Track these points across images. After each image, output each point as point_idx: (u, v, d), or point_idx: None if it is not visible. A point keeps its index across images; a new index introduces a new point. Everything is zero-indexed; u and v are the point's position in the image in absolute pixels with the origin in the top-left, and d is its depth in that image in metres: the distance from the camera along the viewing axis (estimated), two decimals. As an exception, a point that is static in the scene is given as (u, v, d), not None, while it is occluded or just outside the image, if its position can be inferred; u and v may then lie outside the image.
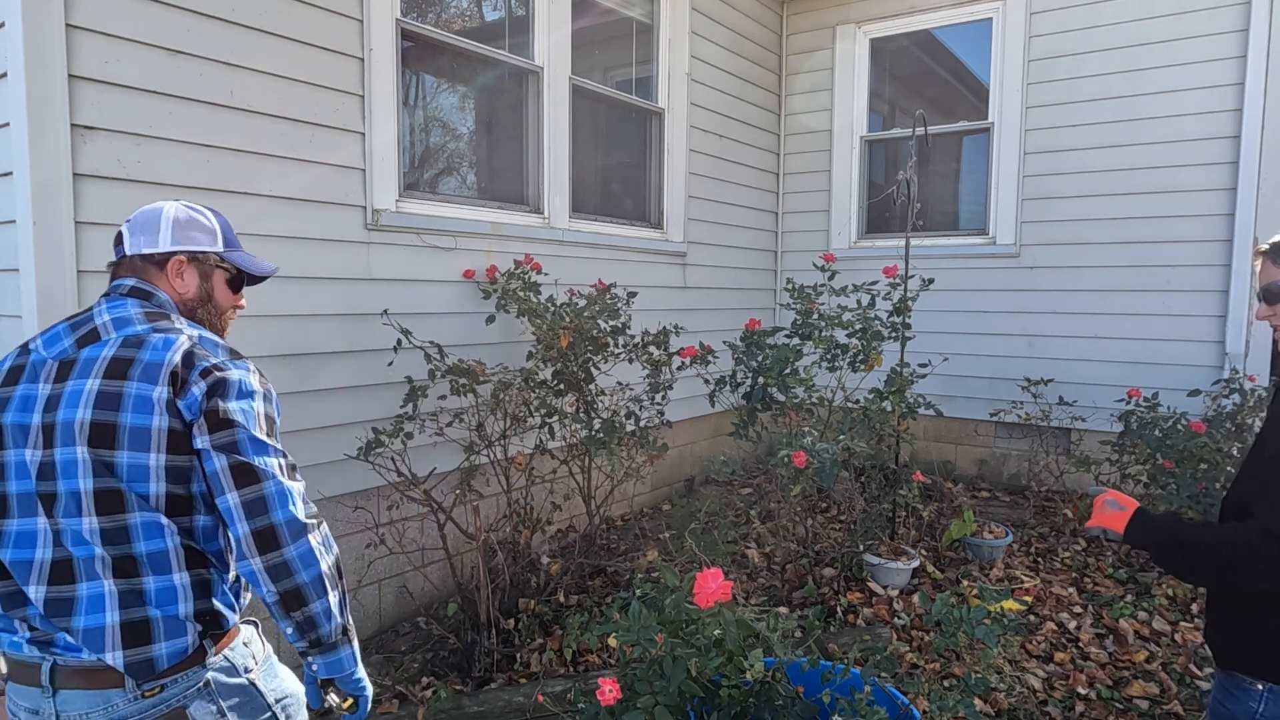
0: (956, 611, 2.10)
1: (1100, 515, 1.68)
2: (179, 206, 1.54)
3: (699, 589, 1.84)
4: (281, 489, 1.35)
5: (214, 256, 1.55)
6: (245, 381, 1.40)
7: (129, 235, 1.51)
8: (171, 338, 1.39)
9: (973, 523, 4.16)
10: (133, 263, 1.50)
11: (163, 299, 1.49)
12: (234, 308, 1.62)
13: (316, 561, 1.36)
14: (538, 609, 3.37)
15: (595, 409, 3.71)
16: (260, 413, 1.40)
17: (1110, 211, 4.99)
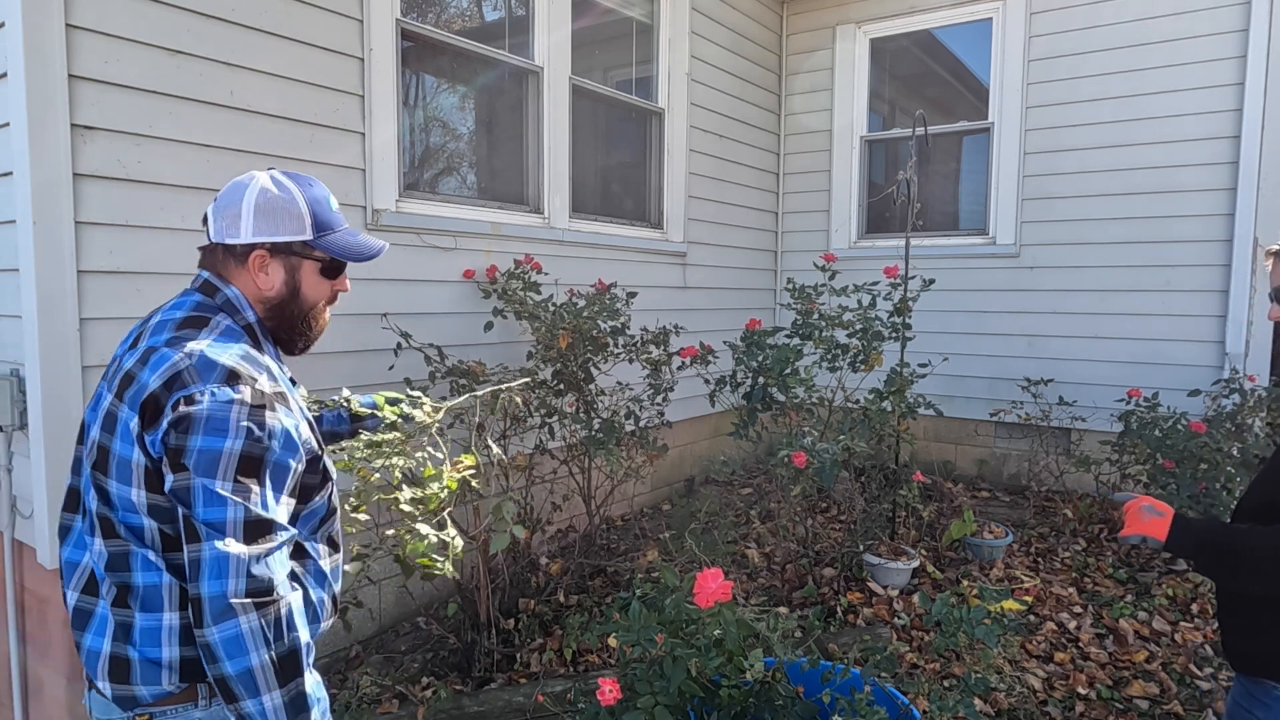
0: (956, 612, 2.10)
1: (1138, 523, 1.60)
2: (265, 184, 1.34)
3: (699, 589, 1.84)
4: (216, 555, 1.13)
5: (301, 246, 1.37)
6: (219, 416, 1.18)
7: (212, 219, 1.36)
8: (168, 355, 1.22)
9: (973, 523, 4.16)
10: (215, 252, 1.36)
11: (229, 296, 1.35)
12: (330, 300, 1.45)
13: (245, 652, 1.12)
14: (538, 609, 3.37)
15: (595, 409, 3.71)
16: (230, 454, 1.17)
17: (1110, 211, 4.99)
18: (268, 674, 1.14)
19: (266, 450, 1.22)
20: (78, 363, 2.43)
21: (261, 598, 1.15)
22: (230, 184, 1.37)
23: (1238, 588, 1.58)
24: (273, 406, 1.24)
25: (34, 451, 2.42)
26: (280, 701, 1.15)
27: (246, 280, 1.37)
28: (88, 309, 2.45)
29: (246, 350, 1.29)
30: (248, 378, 1.23)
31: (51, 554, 2.42)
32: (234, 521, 1.16)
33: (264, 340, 1.39)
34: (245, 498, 1.18)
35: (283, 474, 1.24)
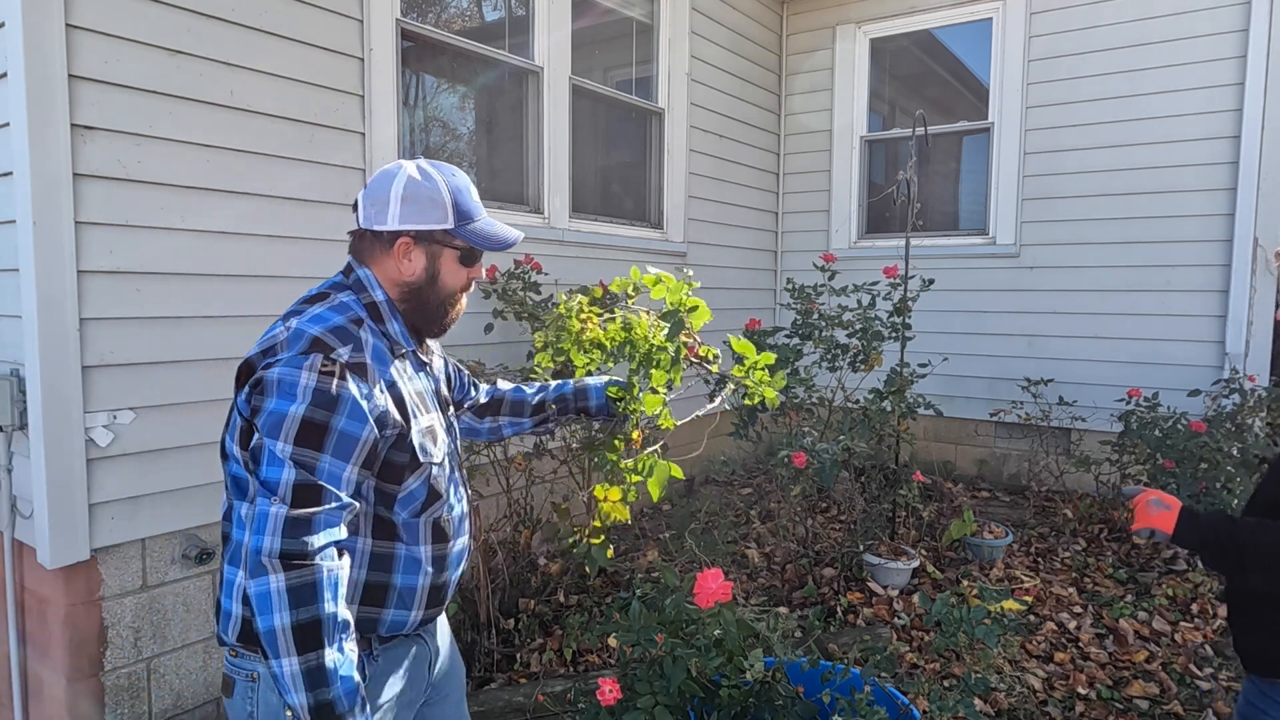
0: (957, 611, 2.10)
1: (1146, 516, 1.60)
2: (412, 174, 1.39)
3: (699, 589, 1.84)
4: (262, 512, 1.18)
5: (443, 234, 1.41)
6: (288, 380, 1.23)
7: (363, 205, 1.41)
8: (274, 327, 1.33)
9: (973, 523, 4.16)
10: (363, 236, 1.43)
11: (359, 275, 1.42)
12: (465, 287, 1.49)
13: (270, 611, 1.15)
14: (538, 609, 3.37)
15: (595, 409, 3.71)
16: (294, 418, 1.21)
17: (1110, 211, 4.99)
18: (287, 638, 1.15)
19: (330, 417, 1.24)
20: (78, 363, 2.43)
21: (293, 561, 1.16)
22: (380, 172, 1.42)
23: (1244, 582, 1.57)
24: (344, 376, 1.26)
25: (34, 451, 2.42)
26: (297, 669, 1.15)
27: (390, 264, 1.41)
28: (88, 309, 2.45)
29: (345, 323, 1.33)
30: (328, 347, 1.27)
31: (51, 554, 2.42)
32: (285, 483, 1.20)
33: (389, 319, 1.42)
34: (301, 461, 1.21)
35: (348, 443, 1.25)
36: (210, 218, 2.73)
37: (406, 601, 1.41)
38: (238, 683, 1.35)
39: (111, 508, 2.54)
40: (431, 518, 1.43)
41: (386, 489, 1.36)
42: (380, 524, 1.37)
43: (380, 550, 1.37)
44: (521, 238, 1.52)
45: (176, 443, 2.68)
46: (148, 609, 2.67)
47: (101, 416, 2.49)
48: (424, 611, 1.44)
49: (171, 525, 2.70)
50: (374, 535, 1.37)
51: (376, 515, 1.37)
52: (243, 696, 1.34)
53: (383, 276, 1.42)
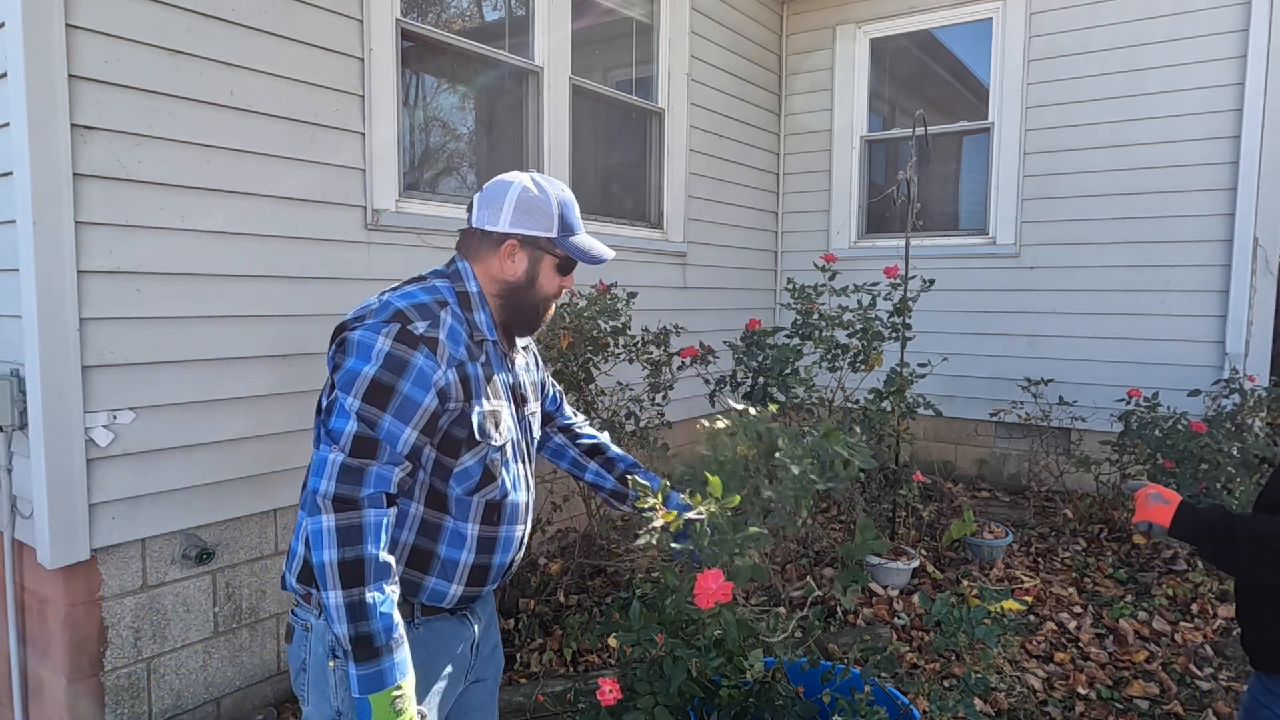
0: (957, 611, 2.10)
1: (1145, 510, 1.63)
2: (526, 185, 1.53)
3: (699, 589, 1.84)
4: (323, 457, 1.32)
5: (546, 242, 1.54)
6: (365, 342, 1.36)
7: (477, 207, 1.54)
8: (370, 299, 1.46)
9: (973, 523, 4.16)
10: (473, 234, 1.54)
11: (459, 267, 1.53)
12: (556, 295, 1.63)
13: (321, 547, 1.28)
14: (538, 609, 3.37)
15: (595, 409, 3.71)
16: (365, 377, 1.33)
17: (1110, 211, 5.00)
18: (334, 573, 1.27)
19: (397, 379, 1.35)
20: (78, 363, 2.43)
21: (343, 503, 1.29)
22: (495, 180, 1.56)
23: (1244, 576, 1.58)
24: (415, 345, 1.37)
25: (34, 451, 2.42)
26: (341, 601, 1.27)
27: (493, 262, 1.53)
28: (88, 309, 2.45)
29: (429, 302, 1.44)
30: (405, 318, 1.39)
31: (51, 554, 2.42)
32: (348, 434, 1.32)
33: (478, 309, 1.52)
34: (363, 416, 1.33)
35: (410, 407, 1.36)
36: (210, 218, 2.73)
37: (448, 573, 1.49)
38: (296, 631, 1.48)
39: (111, 508, 2.54)
40: (485, 498, 1.50)
41: (444, 461, 1.45)
42: (434, 494, 1.46)
43: (430, 519, 1.47)
44: (614, 256, 1.66)
45: (176, 443, 2.68)
46: (148, 609, 2.67)
47: (101, 416, 2.49)
48: (464, 588, 1.51)
49: (171, 525, 2.70)
50: (426, 504, 1.46)
51: (432, 486, 1.46)
52: (299, 644, 1.48)
53: (482, 272, 1.54)
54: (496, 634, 1.76)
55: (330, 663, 1.41)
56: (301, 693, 1.49)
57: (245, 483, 2.88)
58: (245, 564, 2.93)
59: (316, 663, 1.44)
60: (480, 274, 1.54)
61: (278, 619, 3.05)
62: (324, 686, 1.43)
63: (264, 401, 2.91)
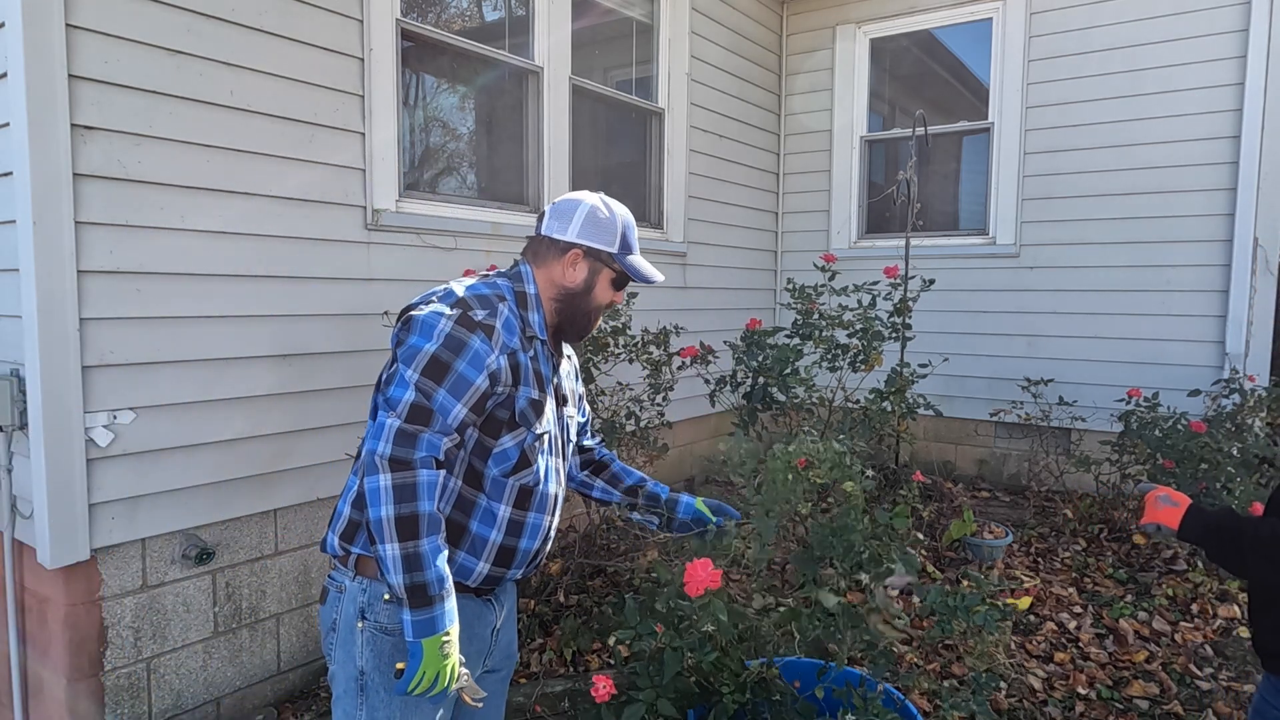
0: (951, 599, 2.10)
1: (1154, 511, 1.64)
2: (597, 204, 1.68)
3: (689, 578, 1.85)
4: (382, 422, 1.42)
5: (607, 256, 1.68)
6: (429, 322, 1.48)
7: (549, 217, 1.68)
8: (433, 289, 1.58)
9: (973, 523, 4.16)
10: (540, 241, 1.67)
11: (521, 270, 1.67)
12: (607, 307, 1.76)
13: (378, 503, 1.38)
14: (538, 609, 3.36)
15: (595, 409, 3.71)
16: (426, 352, 1.45)
17: (1110, 211, 4.99)
18: (391, 527, 1.37)
19: (454, 358, 1.47)
20: (78, 363, 2.43)
21: (399, 464, 1.39)
22: (567, 196, 1.70)
23: (1248, 576, 1.59)
24: (473, 329, 1.50)
25: (34, 451, 2.42)
26: (398, 553, 1.37)
27: (556, 269, 1.67)
28: (88, 309, 2.45)
29: (489, 294, 1.57)
30: (467, 305, 1.52)
31: (51, 554, 2.42)
32: (405, 402, 1.43)
33: (533, 309, 1.65)
34: (421, 388, 1.44)
35: (463, 385, 1.47)
36: (210, 218, 2.73)
37: (477, 550, 1.58)
38: (330, 593, 1.59)
39: (111, 508, 2.54)
40: (519, 482, 1.60)
41: (484, 442, 1.56)
42: (472, 473, 1.57)
43: (466, 494, 1.57)
44: (663, 279, 1.79)
45: (176, 443, 2.68)
46: (148, 609, 2.67)
47: (101, 416, 2.49)
48: (490, 566, 1.61)
49: (171, 525, 2.70)
50: (464, 480, 1.57)
51: (470, 464, 1.57)
52: (331, 605, 1.58)
53: (543, 277, 1.67)
54: (514, 628, 1.85)
55: (359, 624, 1.52)
56: (329, 651, 1.58)
57: (245, 483, 2.88)
58: (245, 564, 2.93)
59: (346, 623, 1.54)
60: (541, 278, 1.67)
61: (278, 619, 3.05)
62: (350, 647, 1.53)
63: (264, 402, 2.91)
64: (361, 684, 1.52)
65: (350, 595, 1.54)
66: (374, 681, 1.52)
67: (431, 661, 1.39)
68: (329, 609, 1.59)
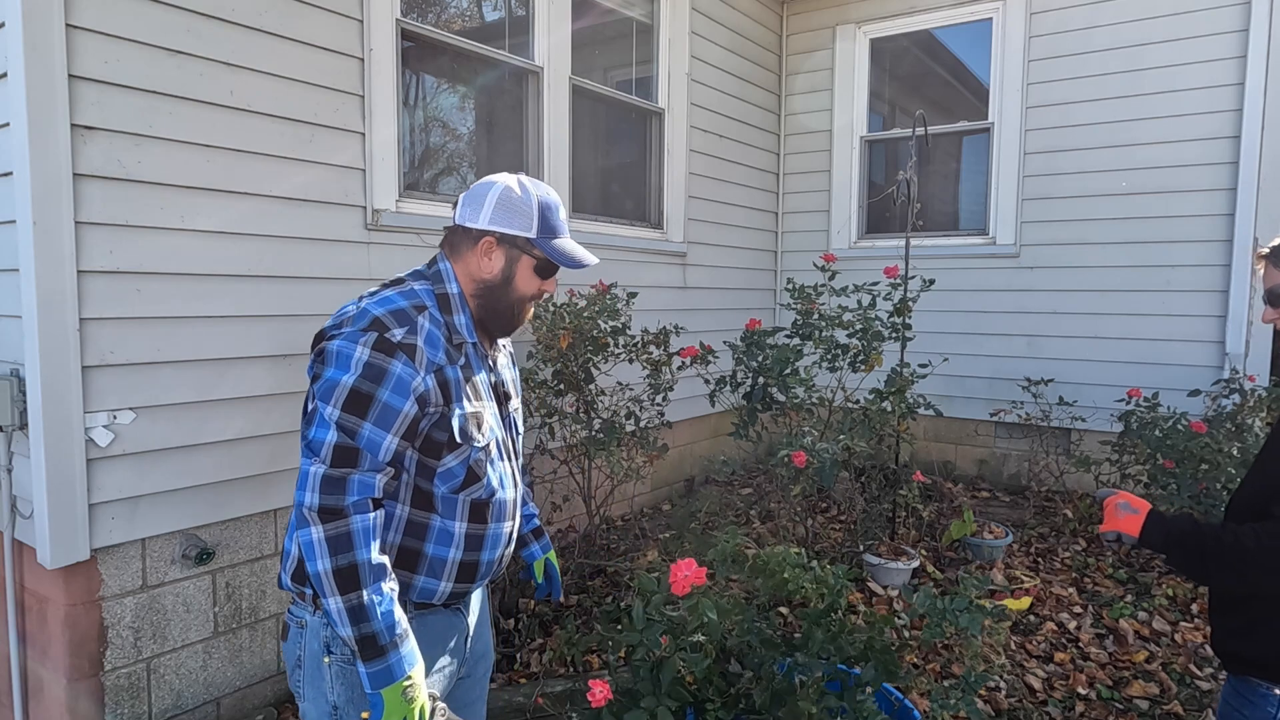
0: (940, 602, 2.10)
1: (1113, 520, 1.63)
2: (510, 185, 1.53)
3: (674, 578, 1.84)
4: (304, 470, 1.35)
5: (524, 241, 1.54)
6: (344, 351, 1.37)
7: (460, 205, 1.55)
8: (348, 305, 1.46)
9: (973, 523, 4.16)
10: (454, 232, 1.56)
11: (440, 268, 1.55)
12: (535, 297, 1.61)
13: (314, 557, 1.32)
14: (538, 609, 3.37)
15: (595, 409, 3.71)
16: (344, 386, 1.35)
17: (1110, 211, 4.99)
18: (331, 580, 1.31)
19: (376, 388, 1.36)
20: (78, 363, 2.43)
21: (329, 513, 1.32)
22: (482, 180, 1.56)
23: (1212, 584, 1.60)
24: (393, 353, 1.39)
25: (34, 451, 2.42)
26: (341, 607, 1.32)
27: (472, 260, 1.54)
28: (88, 309, 2.45)
29: (406, 307, 1.45)
30: (383, 326, 1.40)
31: (51, 554, 2.42)
32: (329, 444, 1.34)
33: (458, 311, 1.53)
34: (343, 426, 1.35)
35: (390, 414, 1.37)
36: (210, 218, 2.73)
37: (436, 571, 1.51)
38: (291, 628, 1.52)
39: (111, 508, 2.54)
40: (470, 497, 1.52)
41: (426, 463, 1.47)
42: (419, 494, 1.48)
43: (416, 519, 1.49)
44: (595, 262, 1.64)
45: (177, 443, 2.68)
46: (148, 609, 2.67)
47: (101, 416, 2.49)
48: (453, 584, 1.53)
49: (171, 525, 2.70)
50: (412, 504, 1.48)
51: (417, 486, 1.48)
52: (294, 641, 1.51)
53: (462, 272, 1.55)
54: (489, 631, 1.77)
55: (325, 659, 1.45)
56: (297, 689, 1.51)
57: (245, 483, 2.88)
58: (245, 564, 2.93)
59: (311, 659, 1.48)
60: (460, 273, 1.55)
61: (278, 619, 3.05)
62: (319, 682, 1.47)
63: (264, 401, 2.91)
64: (337, 718, 1.46)
65: (313, 630, 1.48)
66: (349, 715, 1.46)
67: (395, 710, 1.33)
68: (292, 645, 1.52)
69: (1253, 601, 1.53)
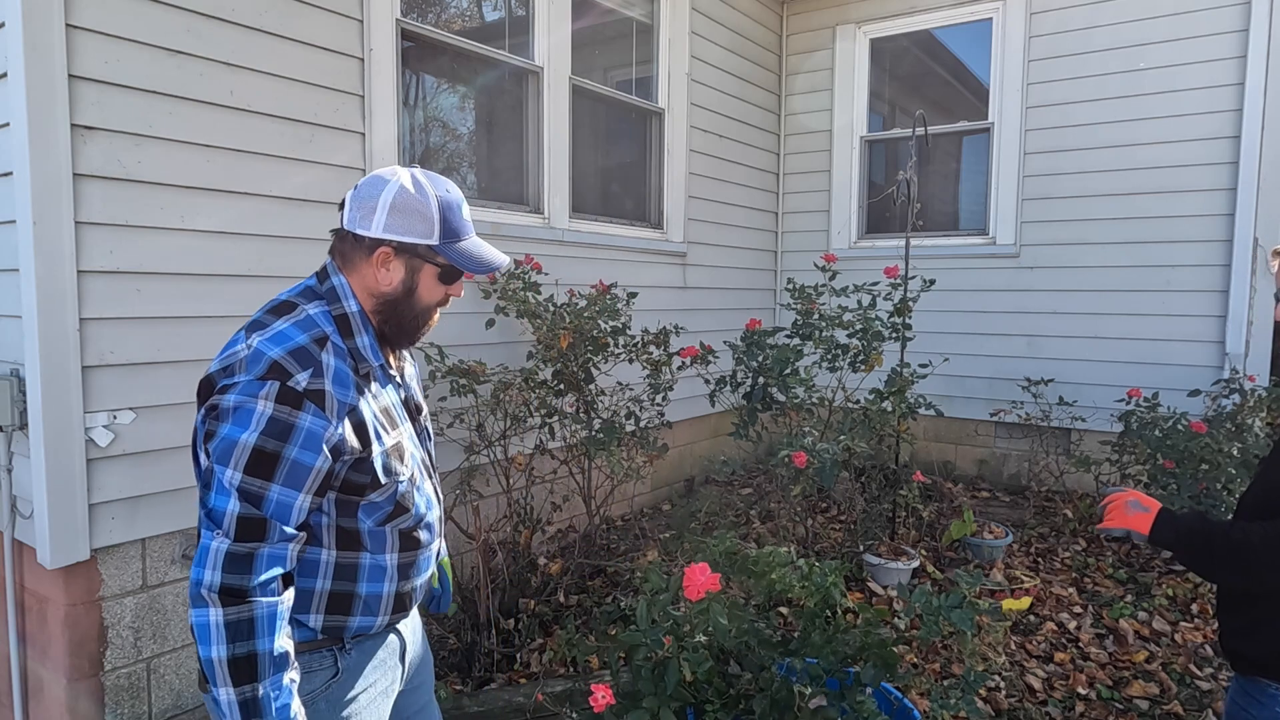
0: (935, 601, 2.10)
1: (1123, 517, 1.64)
2: (405, 183, 1.35)
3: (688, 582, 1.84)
4: (205, 545, 1.19)
5: (425, 249, 1.36)
6: (244, 409, 1.20)
7: (348, 206, 1.38)
8: (236, 341, 1.28)
9: (973, 523, 4.16)
10: (344, 239, 1.39)
11: (334, 284, 1.37)
12: (442, 304, 1.44)
13: (208, 642, 1.16)
14: (538, 609, 3.37)
15: (595, 409, 3.71)
16: (245, 446, 1.19)
17: (1110, 211, 4.99)
18: (224, 670, 1.16)
19: (283, 446, 1.21)
20: (78, 363, 2.43)
21: (230, 596, 1.17)
22: (372, 175, 1.38)
23: (1220, 581, 1.61)
24: (299, 404, 1.22)
25: (34, 451, 2.42)
26: (233, 699, 1.17)
27: (367, 272, 1.37)
28: (88, 309, 2.45)
29: (307, 343, 1.28)
30: (285, 372, 1.23)
31: (51, 554, 2.42)
32: (230, 514, 1.19)
33: (360, 332, 1.37)
34: (248, 492, 1.19)
35: (301, 473, 1.22)
36: (210, 218, 2.73)
37: (372, 609, 1.40)
38: None
39: (111, 508, 2.54)
40: (399, 528, 1.41)
41: (349, 500, 1.33)
42: (344, 534, 1.35)
43: (345, 560, 1.36)
44: (508, 262, 1.49)
45: (176, 443, 2.67)
46: (148, 609, 2.67)
47: (101, 416, 2.49)
48: (390, 616, 1.45)
49: (171, 525, 2.69)
50: (338, 546, 1.35)
51: (340, 526, 1.34)
52: None
53: (358, 285, 1.38)
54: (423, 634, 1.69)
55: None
56: None
57: (245, 483, 2.88)
58: (245, 564, 2.93)
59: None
60: (357, 287, 1.38)
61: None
62: None
63: (264, 401, 2.90)
64: None
65: None
66: None
67: None
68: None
69: (1258, 601, 1.54)
